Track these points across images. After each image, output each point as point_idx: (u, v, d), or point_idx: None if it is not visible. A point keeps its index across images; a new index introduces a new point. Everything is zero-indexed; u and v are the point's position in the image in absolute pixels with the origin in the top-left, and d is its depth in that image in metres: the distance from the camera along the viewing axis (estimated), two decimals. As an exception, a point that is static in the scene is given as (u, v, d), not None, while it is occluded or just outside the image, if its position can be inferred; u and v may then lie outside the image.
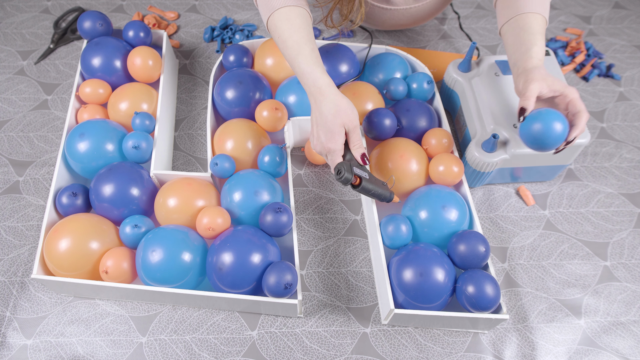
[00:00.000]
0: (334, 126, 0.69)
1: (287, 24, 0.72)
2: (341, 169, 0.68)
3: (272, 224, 0.73)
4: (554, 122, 0.67)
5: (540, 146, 0.69)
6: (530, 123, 0.68)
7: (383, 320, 0.73)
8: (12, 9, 1.14)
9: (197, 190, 0.76)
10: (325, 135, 0.70)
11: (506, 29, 0.77)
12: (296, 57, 0.71)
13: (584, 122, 0.68)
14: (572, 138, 0.68)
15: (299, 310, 0.72)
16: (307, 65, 0.71)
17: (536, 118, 0.68)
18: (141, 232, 0.73)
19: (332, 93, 0.70)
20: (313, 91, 0.71)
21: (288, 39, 0.72)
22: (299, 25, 0.72)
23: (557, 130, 0.67)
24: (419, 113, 0.85)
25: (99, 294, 0.75)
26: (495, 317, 0.68)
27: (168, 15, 1.13)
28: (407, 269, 0.69)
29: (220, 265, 0.69)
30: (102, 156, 0.79)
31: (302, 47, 0.71)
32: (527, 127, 0.69)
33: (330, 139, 0.69)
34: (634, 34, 1.14)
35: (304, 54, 0.71)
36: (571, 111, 0.69)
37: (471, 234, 0.72)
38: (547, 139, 0.67)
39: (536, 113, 0.68)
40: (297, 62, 0.71)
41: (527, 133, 0.69)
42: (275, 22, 0.73)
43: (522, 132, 0.70)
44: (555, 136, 0.67)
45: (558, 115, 0.67)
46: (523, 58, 0.72)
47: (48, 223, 0.75)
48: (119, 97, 0.86)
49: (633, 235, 0.84)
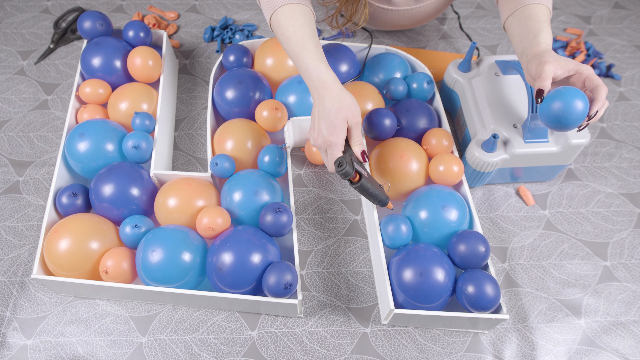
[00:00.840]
0: (337, 120, 0.69)
1: (291, 21, 0.72)
2: (342, 161, 0.67)
3: (272, 224, 0.73)
4: (575, 98, 0.65)
5: (563, 125, 0.67)
6: (550, 103, 0.66)
7: (383, 320, 0.73)
8: (12, 9, 1.14)
9: (197, 190, 0.76)
10: (328, 128, 0.69)
11: (511, 21, 0.76)
12: (300, 52, 0.71)
13: (604, 95, 0.66)
14: (594, 113, 0.66)
15: (299, 310, 0.72)
16: (311, 60, 0.71)
17: (555, 97, 0.66)
18: (141, 232, 0.73)
19: (337, 88, 0.70)
20: (317, 85, 0.70)
21: (292, 35, 0.72)
22: (303, 21, 0.73)
23: (578, 107, 0.65)
24: (419, 113, 0.85)
25: (99, 294, 0.74)
26: (496, 317, 0.68)
27: (168, 15, 1.13)
28: (407, 269, 0.69)
29: (220, 265, 0.69)
30: (102, 156, 0.79)
31: (306, 43, 0.71)
32: (547, 108, 0.67)
33: (332, 133, 0.69)
34: (634, 34, 1.14)
35: (309, 49, 0.71)
36: (589, 87, 0.67)
37: (471, 234, 0.72)
38: (570, 116, 0.65)
39: (554, 92, 0.66)
40: (301, 58, 0.71)
41: (548, 113, 0.67)
42: (278, 19, 0.73)
43: (543, 113, 0.68)
44: (577, 113, 0.65)
45: (577, 91, 0.66)
46: (531, 44, 0.71)
47: (48, 223, 0.75)
48: (119, 97, 0.86)
49: (633, 235, 0.84)
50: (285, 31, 0.73)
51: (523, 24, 0.74)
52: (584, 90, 0.68)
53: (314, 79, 0.71)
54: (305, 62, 0.71)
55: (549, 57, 0.68)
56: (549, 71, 0.67)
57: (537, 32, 0.72)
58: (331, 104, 0.69)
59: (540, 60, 0.68)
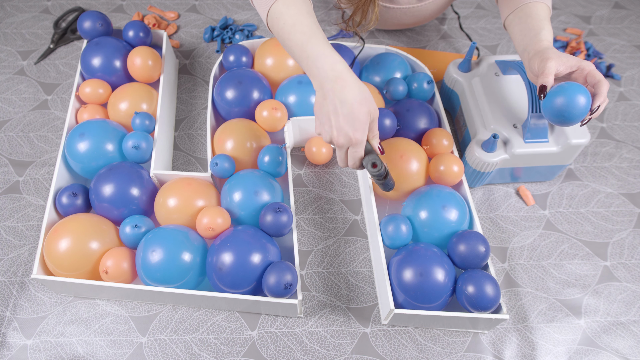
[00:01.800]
0: (361, 115, 0.63)
1: (294, 9, 0.67)
2: (375, 161, 0.65)
3: (272, 224, 0.73)
4: (577, 93, 0.66)
5: (565, 120, 0.68)
6: (552, 98, 0.67)
7: (383, 320, 0.73)
8: (12, 9, 1.14)
9: (197, 190, 0.76)
10: (352, 125, 0.63)
11: (511, 19, 0.77)
12: (309, 40, 0.65)
13: (606, 90, 0.66)
14: (596, 107, 0.66)
15: (299, 310, 0.72)
16: (322, 48, 0.65)
17: (558, 92, 0.67)
18: (141, 232, 0.73)
19: (354, 79, 0.64)
20: (331, 76, 0.64)
21: (297, 23, 0.66)
22: (307, 10, 0.68)
23: (581, 102, 0.66)
24: (419, 113, 0.85)
25: (99, 294, 0.75)
26: (496, 317, 0.68)
27: (168, 15, 1.13)
28: (407, 269, 0.69)
29: (220, 265, 0.69)
30: (102, 156, 0.79)
31: (314, 31, 0.66)
32: (550, 103, 0.68)
33: (357, 129, 0.63)
34: (634, 34, 1.14)
35: (318, 36, 0.65)
36: (590, 82, 0.68)
37: (471, 234, 0.72)
38: (573, 110, 0.66)
39: (557, 88, 0.67)
40: (310, 45, 0.65)
41: (551, 108, 0.68)
42: (279, 8, 0.67)
43: (546, 109, 0.69)
44: (580, 108, 0.66)
45: (579, 86, 0.66)
46: (533, 42, 0.71)
47: (48, 223, 0.74)
48: (119, 97, 0.86)
49: (633, 235, 0.84)
50: (288, 20, 0.67)
51: (524, 21, 0.74)
52: (586, 85, 0.69)
53: (327, 69, 0.64)
54: (315, 50, 0.65)
55: (552, 54, 0.68)
56: (551, 67, 0.67)
57: (538, 30, 0.72)
58: (352, 96, 0.63)
59: (542, 57, 0.68)
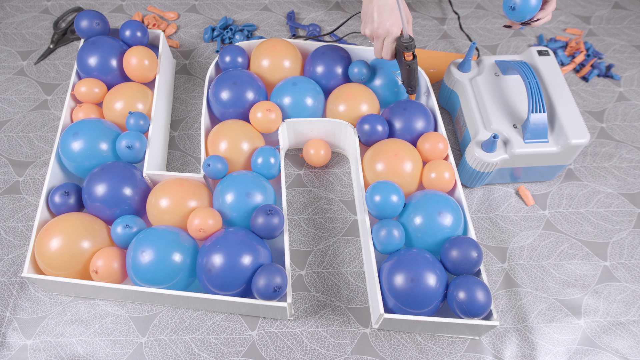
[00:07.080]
0: (397, 13, 0.75)
1: None
2: (407, 45, 0.76)
3: (263, 226, 0.72)
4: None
5: (516, 11, 0.76)
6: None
7: (374, 325, 0.73)
8: (12, 9, 1.14)
9: (189, 191, 0.76)
10: (390, 19, 0.76)
11: None
12: None
13: (553, 6, 0.78)
14: (536, 19, 0.78)
15: (289, 313, 0.71)
16: None
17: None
18: (132, 232, 0.73)
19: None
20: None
21: None
22: None
23: (532, 3, 0.75)
24: (415, 115, 0.84)
25: (89, 293, 0.74)
26: (485, 324, 0.66)
27: (168, 16, 1.13)
28: (398, 274, 0.68)
29: (210, 267, 0.68)
30: (96, 155, 0.79)
31: None
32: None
33: (394, 23, 0.76)
34: (633, 34, 1.14)
35: None
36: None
37: (464, 240, 0.71)
38: (526, 4, 0.75)
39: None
40: None
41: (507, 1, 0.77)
42: None
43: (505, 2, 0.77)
44: (531, 5, 0.75)
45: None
46: None
47: (40, 222, 0.74)
48: (114, 97, 0.86)
49: (633, 235, 0.84)
50: None
51: None
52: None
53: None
54: None
55: None
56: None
57: None
58: (392, 0, 0.76)
59: None
